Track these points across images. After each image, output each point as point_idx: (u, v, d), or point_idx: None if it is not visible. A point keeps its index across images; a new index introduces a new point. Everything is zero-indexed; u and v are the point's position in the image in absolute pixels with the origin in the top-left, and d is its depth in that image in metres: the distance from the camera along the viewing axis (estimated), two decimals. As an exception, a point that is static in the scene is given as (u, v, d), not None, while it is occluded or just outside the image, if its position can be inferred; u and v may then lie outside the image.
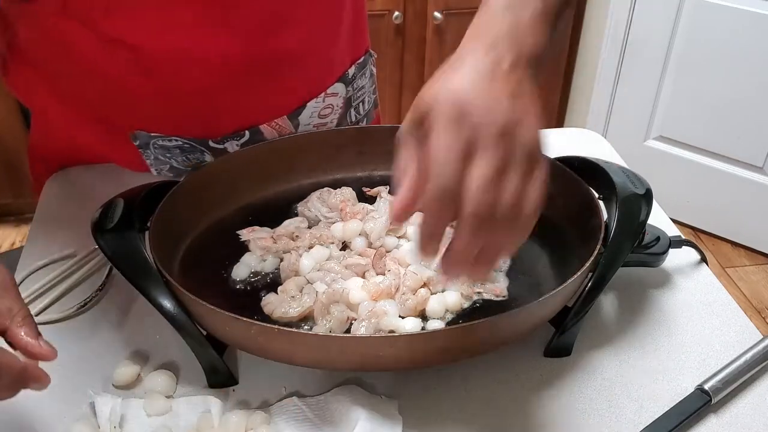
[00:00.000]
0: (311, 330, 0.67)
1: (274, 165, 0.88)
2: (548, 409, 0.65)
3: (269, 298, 0.70)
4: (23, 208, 2.28)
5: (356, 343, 0.61)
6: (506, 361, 0.69)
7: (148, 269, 0.65)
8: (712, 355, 0.71)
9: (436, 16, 2.21)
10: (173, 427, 0.62)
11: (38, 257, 0.82)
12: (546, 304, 0.64)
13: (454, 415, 0.64)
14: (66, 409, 0.64)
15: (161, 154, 0.90)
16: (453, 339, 0.61)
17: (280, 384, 0.66)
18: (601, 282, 0.67)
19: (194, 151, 0.90)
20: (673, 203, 2.31)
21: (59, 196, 0.94)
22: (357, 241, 0.77)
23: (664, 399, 0.66)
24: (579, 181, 0.78)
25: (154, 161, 0.91)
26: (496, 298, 0.72)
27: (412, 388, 0.66)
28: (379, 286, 0.69)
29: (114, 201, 0.73)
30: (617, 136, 2.38)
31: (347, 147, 0.91)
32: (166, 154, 0.90)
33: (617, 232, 0.69)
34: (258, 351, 0.64)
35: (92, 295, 0.76)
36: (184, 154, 0.90)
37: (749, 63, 2.06)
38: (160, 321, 0.64)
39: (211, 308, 0.61)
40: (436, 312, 0.69)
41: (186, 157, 0.90)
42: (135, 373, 0.66)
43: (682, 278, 0.81)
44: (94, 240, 0.68)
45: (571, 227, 0.80)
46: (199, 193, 0.80)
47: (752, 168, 2.22)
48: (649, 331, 0.73)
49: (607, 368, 0.69)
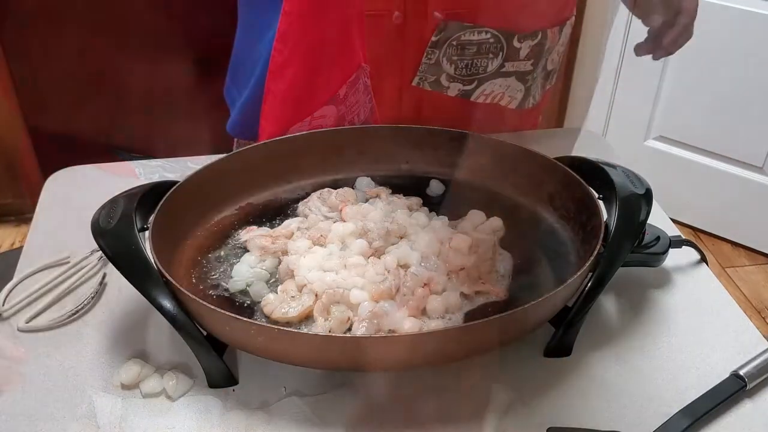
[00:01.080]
0: (311, 330, 0.67)
1: (274, 165, 0.88)
2: (548, 409, 0.65)
3: (269, 298, 0.70)
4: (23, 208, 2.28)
5: (356, 343, 0.61)
6: (506, 361, 0.69)
7: (148, 269, 0.65)
8: (711, 355, 0.71)
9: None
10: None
11: (37, 258, 0.82)
12: (546, 304, 0.64)
13: (454, 415, 0.64)
14: (66, 409, 0.64)
15: (449, 57, 0.94)
16: (453, 339, 0.61)
17: (280, 384, 0.66)
18: (601, 282, 0.67)
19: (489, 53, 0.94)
20: (673, 203, 2.31)
21: (59, 196, 0.94)
22: (357, 241, 0.77)
23: (664, 399, 0.66)
24: (579, 181, 0.78)
25: (430, 67, 0.95)
26: (496, 298, 0.72)
27: (412, 388, 0.66)
28: (379, 287, 0.69)
29: (114, 201, 0.73)
30: (617, 136, 2.38)
31: (347, 147, 0.91)
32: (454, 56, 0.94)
33: (617, 232, 0.69)
34: (258, 351, 0.64)
35: (91, 296, 0.76)
36: (478, 56, 0.94)
37: (749, 63, 2.06)
38: (159, 322, 0.64)
39: (211, 308, 0.61)
40: (436, 311, 0.69)
41: (473, 61, 0.94)
42: (135, 374, 0.66)
43: (682, 278, 0.81)
44: (95, 240, 0.68)
45: (571, 227, 0.80)
46: (199, 193, 0.80)
47: (752, 168, 2.22)
48: (649, 331, 0.73)
49: (607, 368, 0.69)
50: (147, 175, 0.93)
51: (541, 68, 1.03)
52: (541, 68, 1.02)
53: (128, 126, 2.21)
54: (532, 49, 0.97)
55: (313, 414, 0.63)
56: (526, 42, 0.95)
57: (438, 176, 0.91)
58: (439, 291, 0.71)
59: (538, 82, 1.04)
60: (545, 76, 1.06)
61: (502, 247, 0.79)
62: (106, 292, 0.78)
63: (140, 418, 0.63)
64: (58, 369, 0.68)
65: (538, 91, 1.06)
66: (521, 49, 0.96)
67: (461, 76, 0.96)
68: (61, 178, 0.98)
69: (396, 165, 0.92)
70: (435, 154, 0.91)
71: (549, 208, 0.84)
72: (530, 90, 1.03)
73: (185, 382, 0.66)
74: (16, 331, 0.72)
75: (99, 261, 0.81)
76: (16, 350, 0.55)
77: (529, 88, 1.02)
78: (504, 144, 0.88)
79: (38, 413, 0.64)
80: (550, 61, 1.03)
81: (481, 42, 0.93)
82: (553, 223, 0.83)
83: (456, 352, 0.63)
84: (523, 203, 0.86)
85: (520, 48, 0.96)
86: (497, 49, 0.95)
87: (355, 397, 0.65)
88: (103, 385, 0.66)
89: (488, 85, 0.98)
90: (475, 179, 0.90)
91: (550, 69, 1.05)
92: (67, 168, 0.99)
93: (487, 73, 0.97)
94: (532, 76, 1.01)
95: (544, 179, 0.84)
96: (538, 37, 0.97)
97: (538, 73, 1.02)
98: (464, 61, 0.95)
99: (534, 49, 0.97)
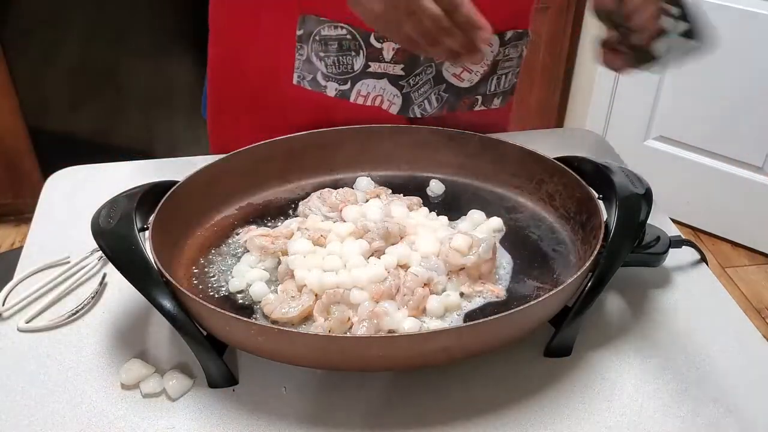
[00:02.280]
0: (311, 330, 0.67)
1: (274, 165, 0.88)
2: (548, 409, 0.65)
3: (269, 298, 0.70)
4: (23, 208, 2.28)
5: (356, 343, 0.61)
6: (506, 361, 0.69)
7: (148, 269, 0.65)
8: (711, 355, 0.71)
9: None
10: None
11: (37, 258, 0.82)
12: (546, 304, 0.64)
13: (454, 415, 0.64)
14: (66, 409, 0.64)
15: (316, 53, 0.90)
16: (453, 339, 0.61)
17: (280, 384, 0.67)
18: (601, 282, 0.67)
19: (350, 51, 0.91)
20: (673, 203, 2.31)
21: (59, 196, 0.94)
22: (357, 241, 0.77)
23: (664, 399, 0.66)
24: (579, 181, 0.78)
25: (304, 64, 0.92)
26: (497, 298, 0.72)
27: (412, 388, 0.66)
28: (379, 287, 0.69)
29: (114, 201, 0.73)
30: (617, 136, 2.38)
31: (347, 147, 0.91)
32: (320, 53, 0.90)
33: (617, 232, 0.69)
34: (258, 351, 0.64)
35: (91, 296, 0.76)
36: (341, 53, 0.90)
37: (749, 63, 2.06)
38: (159, 322, 0.64)
39: (212, 308, 0.61)
40: (436, 311, 0.69)
41: (338, 59, 0.91)
42: (135, 374, 0.66)
43: (682, 278, 0.81)
44: (95, 240, 0.68)
45: (571, 227, 0.80)
46: (199, 193, 0.80)
47: (752, 168, 2.22)
48: (649, 331, 0.73)
49: (607, 368, 0.69)
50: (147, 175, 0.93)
51: (433, 79, 0.96)
52: (428, 77, 0.96)
53: (128, 126, 2.21)
54: (399, 53, 0.92)
55: (314, 414, 0.63)
56: (388, 43, 0.91)
57: (438, 176, 0.91)
58: (439, 291, 0.71)
59: (435, 94, 0.98)
60: (458, 92, 0.99)
61: (502, 247, 0.79)
62: (106, 292, 0.78)
63: (140, 418, 0.63)
64: (58, 369, 0.68)
65: (433, 104, 0.99)
66: (384, 50, 0.92)
67: (333, 74, 0.93)
68: (61, 178, 0.98)
69: (396, 165, 0.92)
70: (435, 154, 0.91)
71: (549, 208, 0.84)
72: (411, 98, 0.96)
73: (185, 382, 0.66)
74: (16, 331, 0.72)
75: (99, 261, 0.81)
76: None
77: (408, 95, 0.96)
78: (504, 144, 0.88)
79: (38, 413, 0.64)
80: (453, 76, 0.98)
81: (340, 38, 0.90)
82: (553, 223, 0.83)
83: (456, 352, 0.63)
84: (523, 203, 0.86)
85: (382, 48, 0.91)
86: (356, 46, 0.91)
87: (355, 397, 0.66)
88: (103, 385, 0.66)
89: (361, 86, 0.94)
90: (475, 179, 0.90)
91: (468, 87, 1.00)
92: (67, 168, 0.99)
93: (355, 71, 0.93)
94: (409, 83, 0.95)
95: (544, 179, 0.84)
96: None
97: (424, 81, 0.96)
98: (330, 57, 0.92)
99: (404, 54, 0.92)
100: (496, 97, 1.04)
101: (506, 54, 1.00)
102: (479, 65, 0.98)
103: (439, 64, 0.95)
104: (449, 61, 0.78)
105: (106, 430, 0.62)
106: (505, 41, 0.98)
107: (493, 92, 1.03)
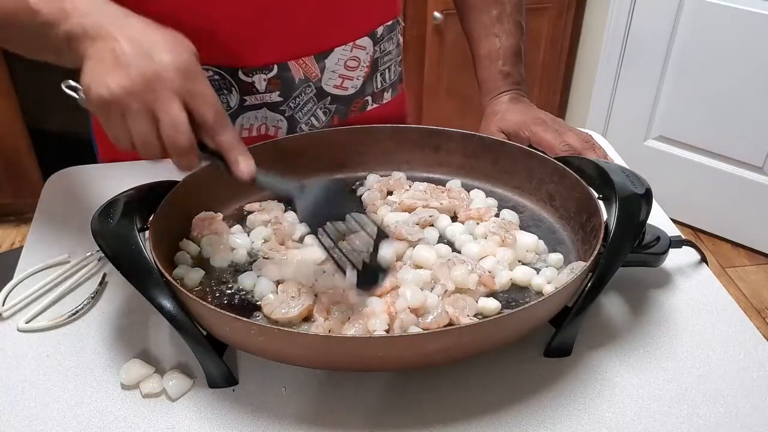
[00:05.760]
0: (311, 330, 0.67)
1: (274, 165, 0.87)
2: (548, 409, 0.65)
3: (269, 298, 0.70)
4: (23, 208, 2.29)
5: (356, 343, 0.61)
6: (506, 361, 0.69)
7: (148, 269, 0.65)
8: (711, 355, 0.71)
9: (436, 16, 2.21)
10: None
11: (37, 258, 0.82)
12: (546, 304, 0.64)
13: (454, 415, 0.64)
14: (66, 409, 0.64)
15: None
16: (453, 339, 0.61)
17: (280, 384, 0.67)
18: (601, 282, 0.67)
19: (222, 90, 0.91)
20: (673, 203, 2.31)
21: (59, 196, 0.94)
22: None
23: (664, 399, 0.66)
24: (579, 181, 0.78)
25: None
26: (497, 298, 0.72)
27: (412, 388, 0.66)
28: None
29: (114, 201, 0.73)
30: (617, 136, 2.38)
31: (348, 147, 0.91)
32: None
33: (617, 232, 0.69)
34: (258, 351, 0.64)
35: (91, 296, 0.76)
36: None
37: (749, 63, 2.06)
38: (159, 322, 0.64)
39: (212, 308, 0.61)
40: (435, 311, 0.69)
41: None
42: (135, 374, 0.66)
43: (682, 278, 0.81)
44: (94, 240, 0.68)
45: (571, 227, 0.80)
46: (199, 193, 0.80)
47: (752, 168, 2.22)
48: (649, 331, 0.73)
49: (607, 368, 0.69)
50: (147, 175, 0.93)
51: (316, 96, 0.97)
52: (309, 96, 0.96)
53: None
54: (272, 83, 0.93)
55: (314, 414, 0.63)
56: (258, 75, 0.92)
57: (438, 176, 0.91)
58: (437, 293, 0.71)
59: (321, 108, 0.98)
60: (345, 100, 1.00)
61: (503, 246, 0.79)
62: (106, 292, 0.78)
63: (140, 418, 0.63)
64: (58, 369, 0.68)
65: (320, 118, 1.00)
66: (255, 83, 0.92)
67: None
68: (61, 178, 0.98)
69: (396, 165, 0.92)
70: (435, 154, 0.91)
71: (549, 208, 0.84)
72: (296, 119, 0.97)
73: (185, 382, 0.66)
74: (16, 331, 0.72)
75: (99, 261, 0.81)
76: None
77: (292, 117, 0.97)
78: (504, 144, 0.88)
79: (38, 413, 0.64)
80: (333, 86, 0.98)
81: (209, 80, 0.85)
82: (553, 223, 0.83)
83: (456, 352, 0.63)
84: (523, 203, 0.86)
85: (254, 81, 0.92)
86: (227, 84, 0.92)
87: (355, 397, 0.66)
88: (103, 385, 0.66)
89: (242, 120, 0.95)
90: (476, 179, 0.90)
91: (353, 92, 1.00)
92: (67, 168, 0.99)
93: (233, 108, 0.93)
94: (290, 106, 0.96)
95: (544, 179, 0.84)
96: (274, 70, 0.92)
97: (306, 101, 0.97)
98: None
99: (277, 81, 0.93)
100: (385, 92, 1.06)
101: (383, 50, 1.01)
102: (358, 70, 0.99)
103: (318, 81, 0.96)
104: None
105: (106, 430, 0.62)
106: (377, 38, 0.99)
107: (381, 89, 1.05)
